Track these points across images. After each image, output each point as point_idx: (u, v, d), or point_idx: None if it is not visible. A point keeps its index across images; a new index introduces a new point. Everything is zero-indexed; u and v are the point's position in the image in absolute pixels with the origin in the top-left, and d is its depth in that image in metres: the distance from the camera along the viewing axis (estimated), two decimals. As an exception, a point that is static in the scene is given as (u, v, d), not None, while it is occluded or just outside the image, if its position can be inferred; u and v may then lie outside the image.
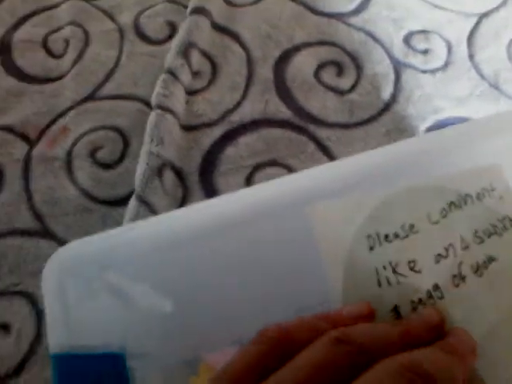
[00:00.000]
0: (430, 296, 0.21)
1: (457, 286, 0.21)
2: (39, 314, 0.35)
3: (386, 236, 0.22)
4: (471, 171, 0.24)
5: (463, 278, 0.21)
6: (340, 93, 0.44)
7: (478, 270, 0.22)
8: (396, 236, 0.22)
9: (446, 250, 0.22)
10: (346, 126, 0.42)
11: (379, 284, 0.21)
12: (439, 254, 0.22)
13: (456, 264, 0.22)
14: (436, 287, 0.21)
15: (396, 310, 0.20)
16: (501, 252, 0.22)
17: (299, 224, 0.22)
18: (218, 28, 0.49)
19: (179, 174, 0.40)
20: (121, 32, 0.50)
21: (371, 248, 0.21)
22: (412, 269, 0.21)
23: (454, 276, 0.21)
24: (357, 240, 0.22)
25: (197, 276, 0.21)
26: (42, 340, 0.34)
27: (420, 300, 0.20)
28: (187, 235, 0.21)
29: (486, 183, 0.23)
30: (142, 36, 0.49)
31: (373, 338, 0.18)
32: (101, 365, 0.18)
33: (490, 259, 0.22)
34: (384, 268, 0.21)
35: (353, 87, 0.44)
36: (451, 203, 0.23)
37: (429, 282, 0.21)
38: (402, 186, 0.23)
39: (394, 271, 0.21)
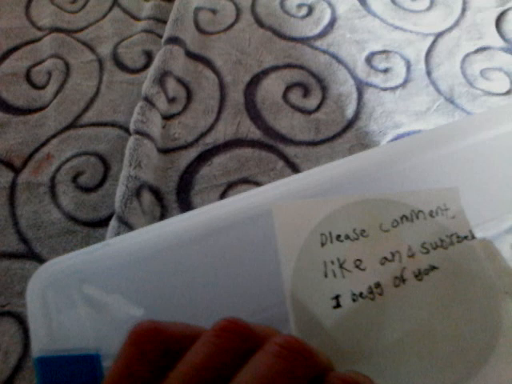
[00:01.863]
0: (370, 292, 0.23)
1: (397, 286, 0.23)
2: (26, 333, 0.37)
3: (338, 236, 0.24)
4: (429, 191, 0.26)
5: (404, 281, 0.23)
6: (307, 113, 0.47)
7: (419, 275, 0.24)
8: (347, 237, 0.24)
9: (393, 255, 0.24)
10: (312, 144, 0.45)
11: (325, 275, 0.23)
12: (385, 258, 0.24)
13: (400, 268, 0.24)
14: (377, 285, 0.23)
15: (336, 299, 0.23)
16: (443, 263, 0.24)
17: (266, 230, 0.24)
18: (192, 56, 0.52)
19: (157, 194, 0.42)
20: (100, 62, 0.53)
21: (323, 244, 0.24)
22: (357, 266, 0.23)
23: (396, 277, 0.23)
24: (311, 236, 0.24)
25: (166, 285, 0.23)
26: (29, 356, 0.36)
27: (361, 293, 0.23)
28: (156, 249, 0.23)
29: (441, 203, 0.25)
30: (121, 65, 0.52)
31: (259, 326, 0.18)
32: (79, 365, 0.20)
33: (433, 268, 0.24)
34: (332, 262, 0.23)
35: (318, 107, 0.47)
36: (403, 216, 0.25)
37: (371, 279, 0.23)
38: (361, 196, 0.25)
39: (341, 266, 0.23)
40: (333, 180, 0.27)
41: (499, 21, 0.52)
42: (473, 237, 0.25)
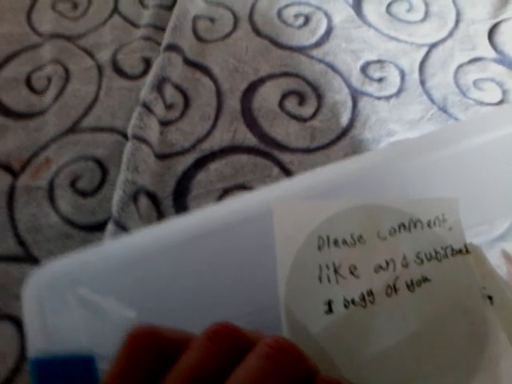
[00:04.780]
0: (362, 299, 0.23)
1: (389, 295, 0.23)
2: (23, 336, 0.37)
3: (336, 241, 0.24)
4: (429, 200, 0.25)
5: (396, 291, 0.23)
6: (302, 120, 0.48)
7: (411, 285, 0.24)
8: (344, 242, 0.24)
9: (387, 263, 0.24)
10: (307, 151, 0.45)
11: (320, 280, 0.23)
12: (379, 266, 0.24)
13: (393, 277, 0.24)
14: (370, 293, 0.23)
15: (329, 304, 0.23)
16: (436, 275, 0.24)
17: (263, 232, 0.24)
18: (190, 63, 0.53)
19: (154, 199, 0.43)
20: (99, 68, 0.53)
21: (320, 248, 0.24)
22: (352, 273, 0.23)
23: (389, 286, 0.24)
24: (309, 238, 0.24)
25: (160, 287, 0.24)
26: (26, 359, 0.36)
27: (353, 300, 0.23)
28: (150, 252, 0.24)
29: (440, 213, 0.25)
30: (120, 72, 0.53)
31: (249, 331, 0.19)
32: (73, 366, 0.21)
33: (425, 279, 0.24)
34: (327, 267, 0.23)
35: (314, 115, 0.48)
36: (401, 224, 0.25)
37: (364, 287, 0.23)
38: (362, 201, 0.25)
39: (336, 271, 0.23)
40: (332, 182, 0.26)
41: (492, 33, 0.53)
42: (467, 251, 0.25)
